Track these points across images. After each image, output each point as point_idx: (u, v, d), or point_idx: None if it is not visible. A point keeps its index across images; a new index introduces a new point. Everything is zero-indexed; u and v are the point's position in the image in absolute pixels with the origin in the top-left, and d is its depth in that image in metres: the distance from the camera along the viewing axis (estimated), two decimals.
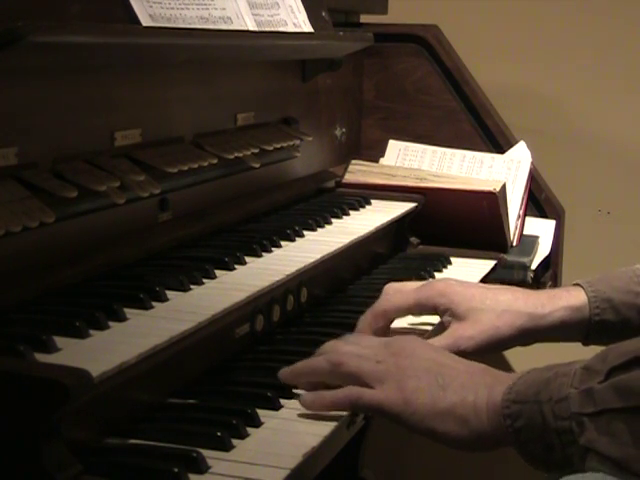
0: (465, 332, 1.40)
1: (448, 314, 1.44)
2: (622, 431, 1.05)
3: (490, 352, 1.42)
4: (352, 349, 1.25)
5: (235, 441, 1.10)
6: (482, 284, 1.50)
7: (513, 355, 2.36)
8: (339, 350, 1.25)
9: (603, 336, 1.43)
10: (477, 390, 1.16)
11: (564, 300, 1.44)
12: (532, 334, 1.43)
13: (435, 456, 2.64)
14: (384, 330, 1.44)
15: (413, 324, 1.53)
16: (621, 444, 1.05)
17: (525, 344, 1.46)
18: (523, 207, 2.27)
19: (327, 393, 1.20)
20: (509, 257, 2.08)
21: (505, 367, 2.54)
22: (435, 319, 1.50)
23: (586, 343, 1.46)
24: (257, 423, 1.16)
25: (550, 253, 2.31)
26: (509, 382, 1.15)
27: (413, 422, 1.17)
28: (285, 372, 1.25)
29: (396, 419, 1.18)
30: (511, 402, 1.13)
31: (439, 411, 1.16)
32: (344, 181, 2.20)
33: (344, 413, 1.20)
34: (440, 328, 1.46)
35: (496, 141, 2.45)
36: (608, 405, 1.07)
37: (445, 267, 1.91)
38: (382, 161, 2.35)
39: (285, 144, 1.93)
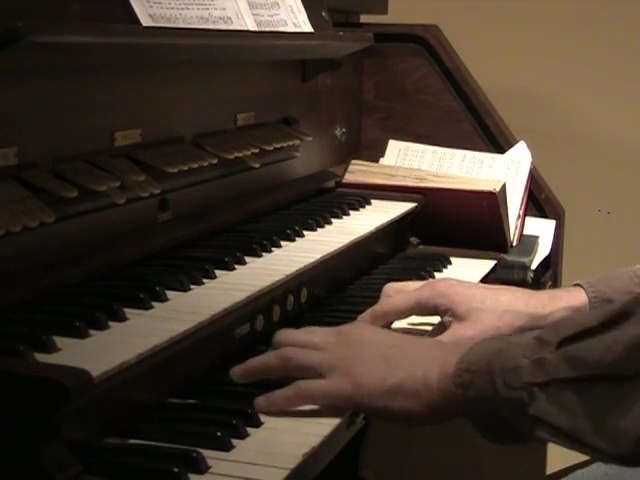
0: (466, 332, 1.41)
1: (449, 314, 1.44)
2: (571, 401, 1.06)
3: None
4: (302, 338, 1.26)
5: (235, 441, 1.10)
6: (483, 284, 1.50)
7: None
8: (289, 340, 1.26)
9: None
10: (427, 365, 1.17)
11: (565, 301, 1.44)
12: None
13: (435, 456, 2.64)
14: None
15: (413, 324, 1.53)
16: (570, 414, 1.06)
17: None
18: (523, 207, 2.27)
19: (276, 393, 1.20)
20: (509, 257, 2.08)
21: None
22: (435, 319, 1.50)
23: None
24: (257, 423, 1.16)
25: (550, 253, 2.31)
26: (461, 352, 1.16)
27: (365, 404, 1.19)
28: (237, 372, 1.25)
29: (348, 404, 1.19)
30: (463, 371, 1.14)
31: (388, 389, 1.17)
32: (344, 181, 2.20)
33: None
34: (440, 328, 1.47)
35: (496, 141, 2.45)
36: (558, 375, 1.07)
37: (445, 267, 1.91)
38: (382, 161, 2.35)
39: (285, 144, 1.93)
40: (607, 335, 1.06)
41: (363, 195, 2.07)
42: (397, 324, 1.49)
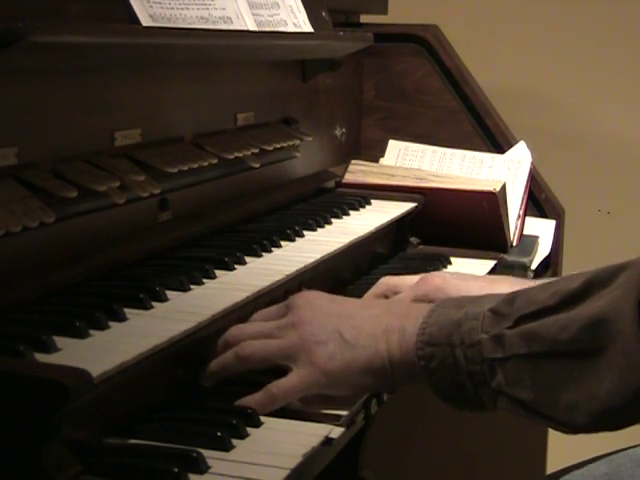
0: None
1: None
2: (529, 375, 1.11)
3: None
4: (255, 329, 1.26)
5: (235, 441, 1.10)
6: (479, 275, 1.50)
7: None
8: (242, 335, 1.26)
9: None
10: (387, 337, 1.19)
11: None
12: None
13: (435, 456, 2.65)
14: None
15: None
16: (527, 387, 1.11)
17: None
18: (523, 207, 2.27)
19: (248, 400, 1.20)
20: (509, 257, 2.08)
21: None
22: None
23: None
24: (257, 423, 1.16)
25: (550, 253, 2.32)
26: (419, 320, 1.18)
27: (337, 387, 1.20)
28: (204, 375, 1.26)
29: (323, 390, 1.21)
30: (424, 344, 1.17)
31: (356, 371, 1.19)
32: (344, 181, 2.20)
33: (344, 412, 1.21)
34: None
35: (496, 141, 2.45)
36: (515, 351, 1.12)
37: (445, 267, 1.92)
38: (382, 161, 2.35)
39: (285, 144, 1.93)
40: (563, 314, 1.10)
41: (363, 195, 2.07)
42: None
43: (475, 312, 1.16)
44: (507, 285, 1.45)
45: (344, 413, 1.20)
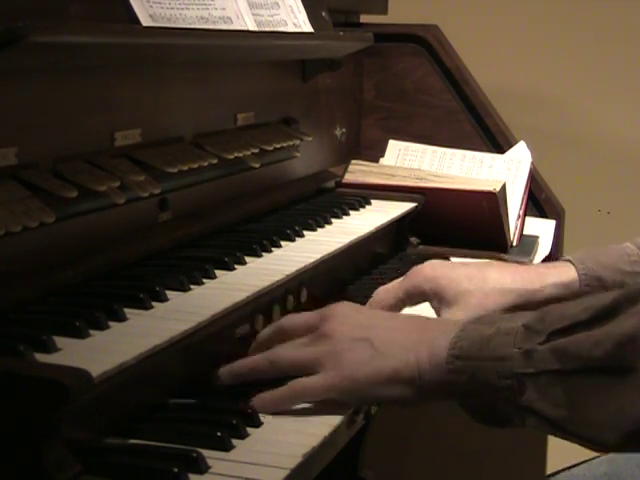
0: (454, 316, 1.40)
1: (437, 300, 1.43)
2: (559, 392, 1.09)
3: None
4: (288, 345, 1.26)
5: (235, 441, 1.10)
6: (467, 262, 1.49)
7: None
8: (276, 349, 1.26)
9: None
10: (417, 348, 1.17)
11: (553, 277, 1.44)
12: (521, 311, 1.43)
13: (435, 456, 2.64)
14: None
15: None
16: (557, 405, 1.09)
17: None
18: (523, 207, 2.27)
19: (272, 394, 1.19)
20: (509, 257, 2.08)
21: None
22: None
23: None
24: (257, 423, 1.16)
25: (550, 253, 2.31)
26: (450, 335, 1.16)
27: (361, 395, 1.19)
28: (224, 372, 1.25)
29: (344, 398, 1.19)
30: (455, 358, 1.15)
31: (384, 379, 1.17)
32: (344, 181, 2.20)
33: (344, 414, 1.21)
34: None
35: (496, 141, 2.45)
36: (546, 367, 1.09)
37: None
38: (382, 161, 2.35)
39: (285, 144, 1.93)
40: (596, 330, 1.08)
41: (363, 195, 2.07)
42: None
43: (508, 328, 1.14)
44: (497, 271, 1.45)
45: (344, 414, 1.21)
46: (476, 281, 1.42)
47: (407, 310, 1.50)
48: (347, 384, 1.18)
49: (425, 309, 1.49)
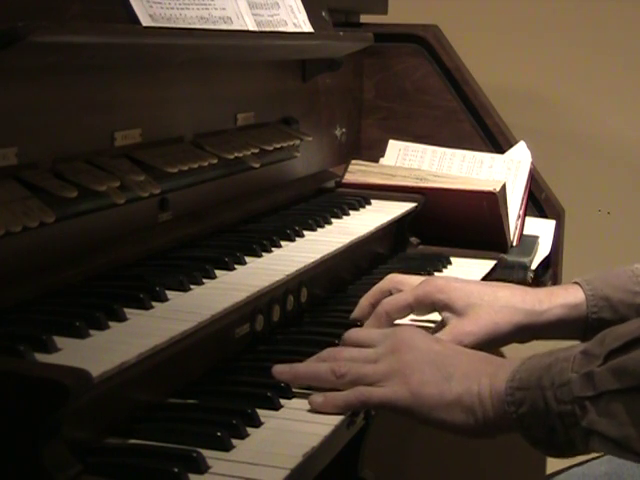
0: (465, 328, 1.41)
1: (447, 310, 1.44)
2: (620, 411, 1.09)
3: (488, 348, 1.42)
4: (353, 354, 1.27)
5: (235, 441, 1.10)
6: (480, 281, 1.51)
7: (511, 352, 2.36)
8: (340, 356, 1.27)
9: None
10: (480, 379, 1.19)
11: (562, 298, 1.44)
12: (530, 331, 1.44)
13: (435, 456, 2.64)
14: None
15: (414, 320, 1.52)
16: (620, 424, 1.09)
17: (523, 341, 1.47)
18: (523, 207, 2.27)
19: (338, 395, 1.22)
20: (509, 257, 2.08)
21: None
22: (436, 317, 1.50)
23: (585, 341, 1.46)
24: (257, 423, 1.16)
25: (550, 253, 2.31)
26: (510, 369, 1.18)
27: (423, 414, 1.20)
28: (284, 370, 1.26)
29: (406, 413, 1.21)
30: (514, 389, 1.16)
31: (446, 402, 1.19)
32: (344, 181, 2.20)
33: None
34: (441, 326, 1.46)
35: (496, 141, 2.45)
36: (606, 387, 1.10)
37: (445, 267, 1.91)
38: (382, 161, 2.35)
39: (285, 144, 1.93)
40: None
41: (363, 195, 2.07)
42: (398, 321, 1.49)
43: (566, 355, 1.15)
44: (508, 290, 1.46)
45: (344, 414, 1.21)
46: (487, 298, 1.43)
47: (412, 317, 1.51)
48: (409, 399, 1.20)
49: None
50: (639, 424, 1.08)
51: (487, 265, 1.96)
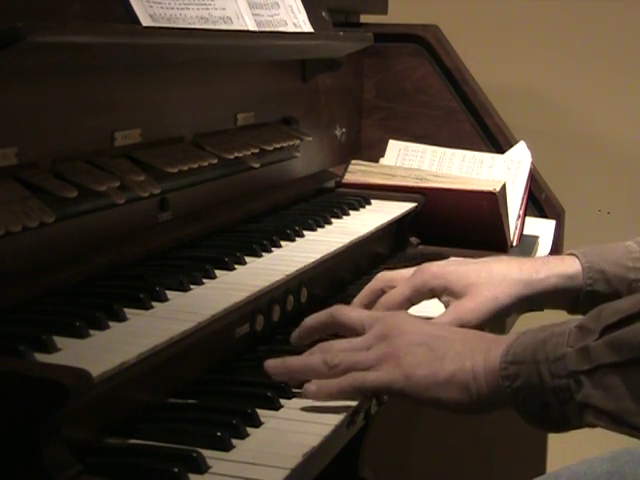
0: (466, 306, 1.41)
1: (447, 294, 1.44)
2: (616, 384, 1.09)
3: (491, 322, 1.43)
4: (344, 345, 1.27)
5: (235, 441, 1.10)
6: (473, 259, 1.51)
7: None
8: (332, 348, 1.27)
9: (591, 306, 1.44)
10: (473, 356, 1.19)
11: (559, 267, 1.45)
12: (528, 300, 1.44)
13: (435, 456, 2.64)
14: None
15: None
16: (615, 397, 1.09)
17: (522, 311, 1.48)
18: (523, 207, 2.27)
19: (331, 382, 1.22)
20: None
21: None
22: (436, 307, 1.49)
23: (573, 312, 1.46)
24: (257, 423, 1.16)
25: (550, 253, 2.31)
26: (504, 344, 1.18)
27: (417, 394, 1.20)
28: (276, 364, 1.26)
29: (400, 395, 1.21)
30: (508, 364, 1.16)
31: (440, 381, 1.19)
32: (344, 181, 2.20)
33: (348, 405, 1.21)
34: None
35: (496, 141, 2.45)
36: (602, 360, 1.10)
37: None
38: (382, 161, 2.35)
39: (285, 144, 1.93)
40: None
41: (363, 195, 2.07)
42: None
43: (561, 330, 1.15)
44: (503, 264, 1.46)
45: (344, 414, 1.21)
46: (484, 274, 1.44)
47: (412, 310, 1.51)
48: (403, 381, 1.20)
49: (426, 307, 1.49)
50: (633, 397, 1.07)
51: None
